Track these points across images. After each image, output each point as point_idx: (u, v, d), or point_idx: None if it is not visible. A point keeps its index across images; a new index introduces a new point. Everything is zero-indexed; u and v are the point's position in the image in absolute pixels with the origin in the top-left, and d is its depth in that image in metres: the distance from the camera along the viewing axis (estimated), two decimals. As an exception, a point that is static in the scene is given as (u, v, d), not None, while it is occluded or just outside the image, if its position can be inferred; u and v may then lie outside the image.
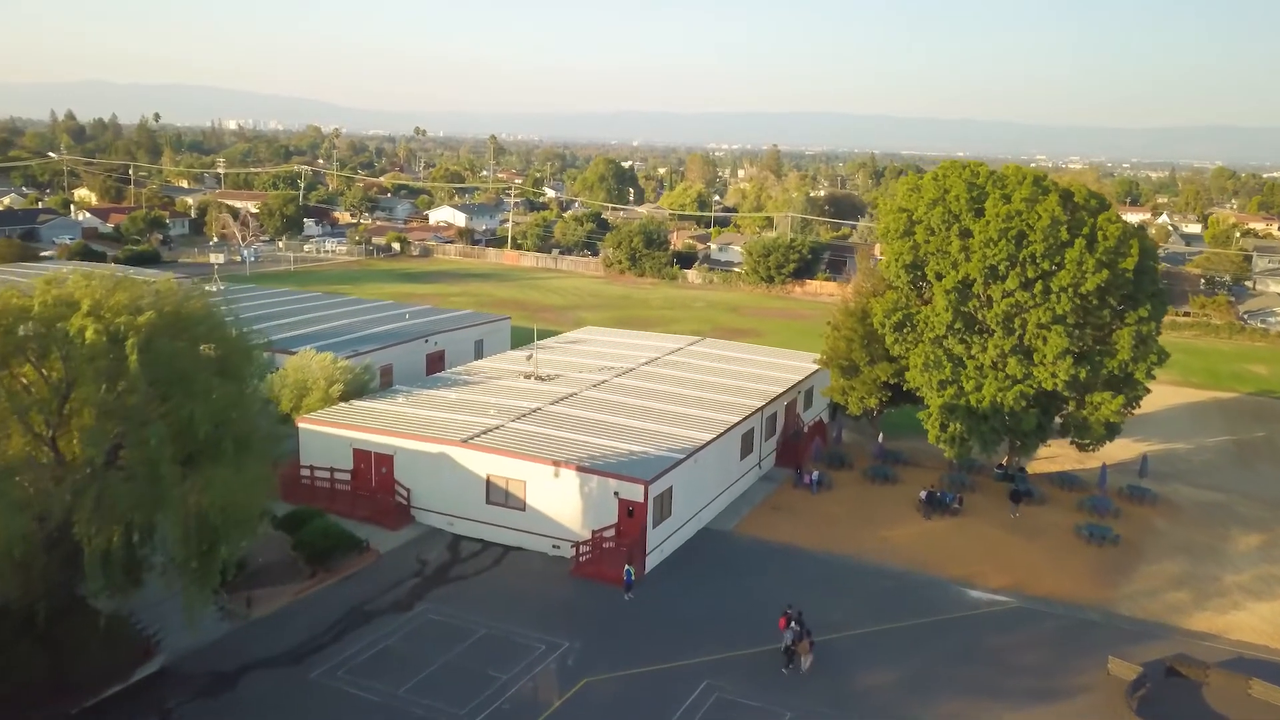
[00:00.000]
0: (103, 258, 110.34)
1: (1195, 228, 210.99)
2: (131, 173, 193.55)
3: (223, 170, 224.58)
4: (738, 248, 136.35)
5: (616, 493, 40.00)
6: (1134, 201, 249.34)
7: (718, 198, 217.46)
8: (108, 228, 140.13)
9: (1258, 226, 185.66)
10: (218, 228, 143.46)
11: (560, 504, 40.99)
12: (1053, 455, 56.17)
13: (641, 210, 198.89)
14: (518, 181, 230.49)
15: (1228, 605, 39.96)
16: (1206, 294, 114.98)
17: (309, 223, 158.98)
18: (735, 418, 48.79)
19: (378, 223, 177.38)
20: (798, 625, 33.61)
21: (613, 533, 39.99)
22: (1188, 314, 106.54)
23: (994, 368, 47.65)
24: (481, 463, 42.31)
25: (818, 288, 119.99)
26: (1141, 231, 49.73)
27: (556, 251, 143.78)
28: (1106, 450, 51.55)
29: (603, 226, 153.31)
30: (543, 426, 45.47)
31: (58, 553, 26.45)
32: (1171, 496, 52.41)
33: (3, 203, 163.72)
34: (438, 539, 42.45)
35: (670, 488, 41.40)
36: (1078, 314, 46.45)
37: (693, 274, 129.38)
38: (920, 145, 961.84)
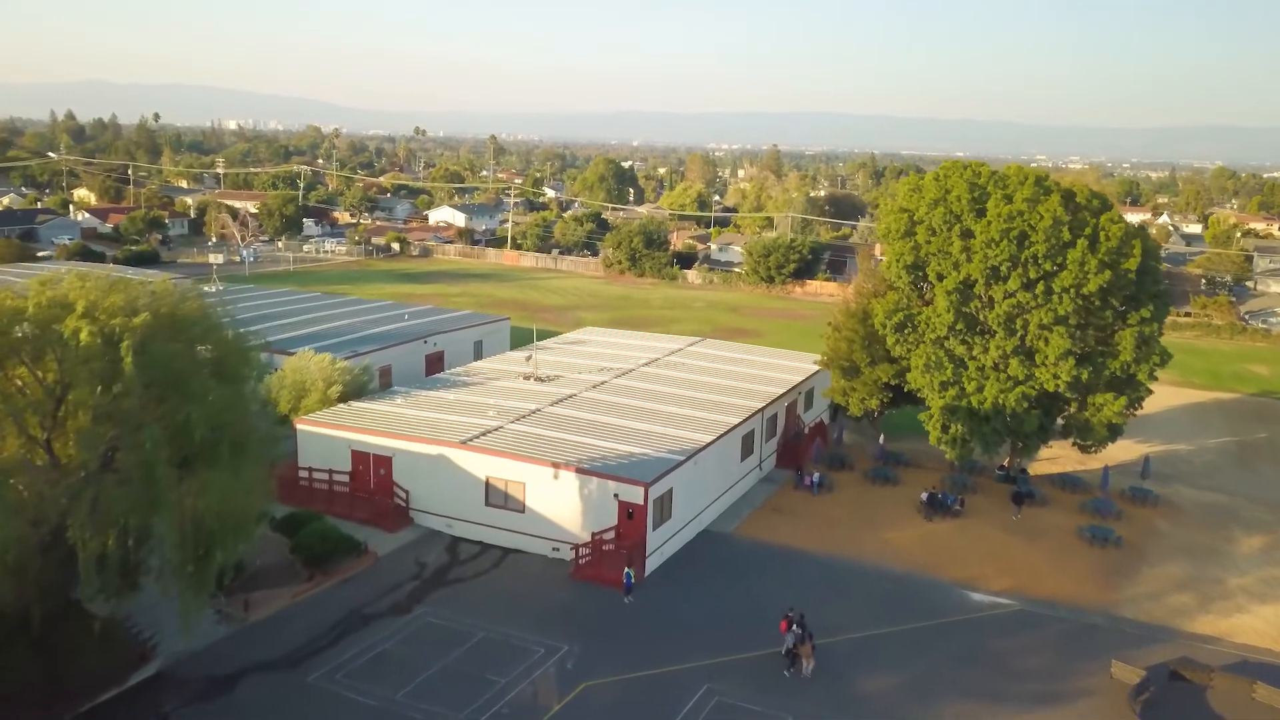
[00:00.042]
0: (101, 258, 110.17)
1: (1196, 228, 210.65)
2: (131, 173, 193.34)
3: (222, 170, 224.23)
4: (738, 248, 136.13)
5: (616, 495, 39.80)
6: (1134, 202, 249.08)
7: (718, 198, 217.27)
8: (107, 228, 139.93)
9: (1258, 226, 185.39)
10: (217, 228, 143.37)
11: (560, 506, 40.78)
12: (1054, 456, 55.99)
13: (641, 210, 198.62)
14: (517, 181, 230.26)
15: (1231, 608, 39.75)
16: (1207, 294, 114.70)
17: (308, 223, 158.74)
18: (735, 419, 48.58)
19: (377, 223, 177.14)
20: (799, 628, 33.44)
21: (612, 535, 39.78)
22: (1189, 314, 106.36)
23: (996, 369, 47.45)
24: (481, 464, 42.10)
25: (818, 288, 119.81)
26: (1143, 232, 49.53)
27: (556, 252, 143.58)
28: (1108, 451, 51.32)
29: (603, 227, 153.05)
30: (542, 428, 45.26)
31: (53, 556, 26.21)
32: (1173, 498, 52.20)
33: (2, 203, 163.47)
34: (436, 541, 42.25)
35: (670, 490, 41.19)
36: (1080, 315, 46.27)
37: (693, 274, 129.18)
38: (920, 145, 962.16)
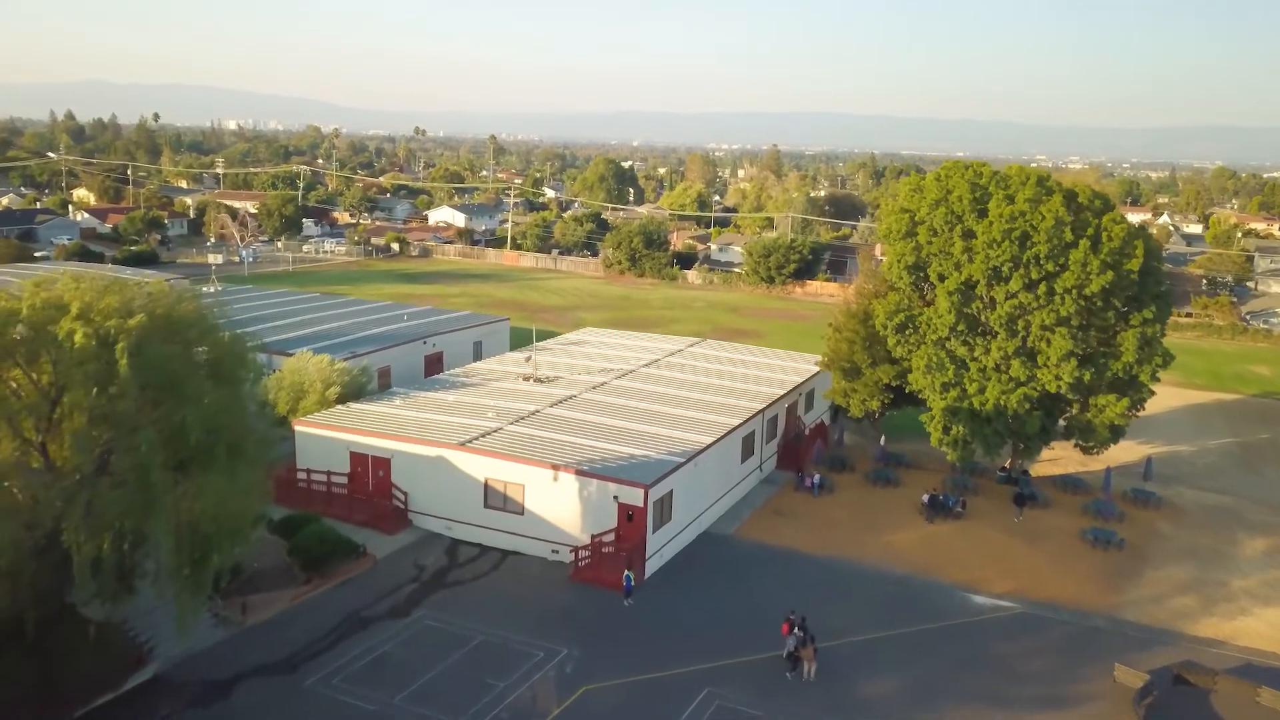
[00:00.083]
0: (100, 258, 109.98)
1: (1196, 228, 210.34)
2: (130, 173, 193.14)
3: (222, 170, 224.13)
4: (738, 248, 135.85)
5: (616, 496, 39.56)
6: (1134, 202, 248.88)
7: (718, 198, 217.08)
8: (106, 228, 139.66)
9: (1258, 226, 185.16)
10: (216, 228, 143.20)
11: (559, 508, 40.55)
12: (1055, 458, 55.76)
13: (641, 210, 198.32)
14: (517, 182, 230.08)
15: (1235, 611, 39.52)
16: (1208, 294, 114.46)
17: (308, 223, 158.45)
18: (736, 420, 48.34)
19: (377, 223, 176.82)
20: (801, 631, 33.21)
21: (612, 537, 39.54)
22: (1190, 315, 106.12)
23: (997, 370, 47.23)
24: (480, 466, 41.87)
25: (818, 288, 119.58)
26: (1146, 233, 49.31)
27: (556, 252, 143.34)
28: (1110, 452, 51.06)
29: (602, 227, 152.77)
30: (542, 429, 45.02)
31: (47, 560, 25.95)
32: (1175, 500, 51.96)
33: (1, 203, 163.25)
34: (435, 543, 42.01)
35: (670, 491, 40.96)
36: (1082, 316, 46.06)
37: (693, 274, 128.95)
38: (920, 145, 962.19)
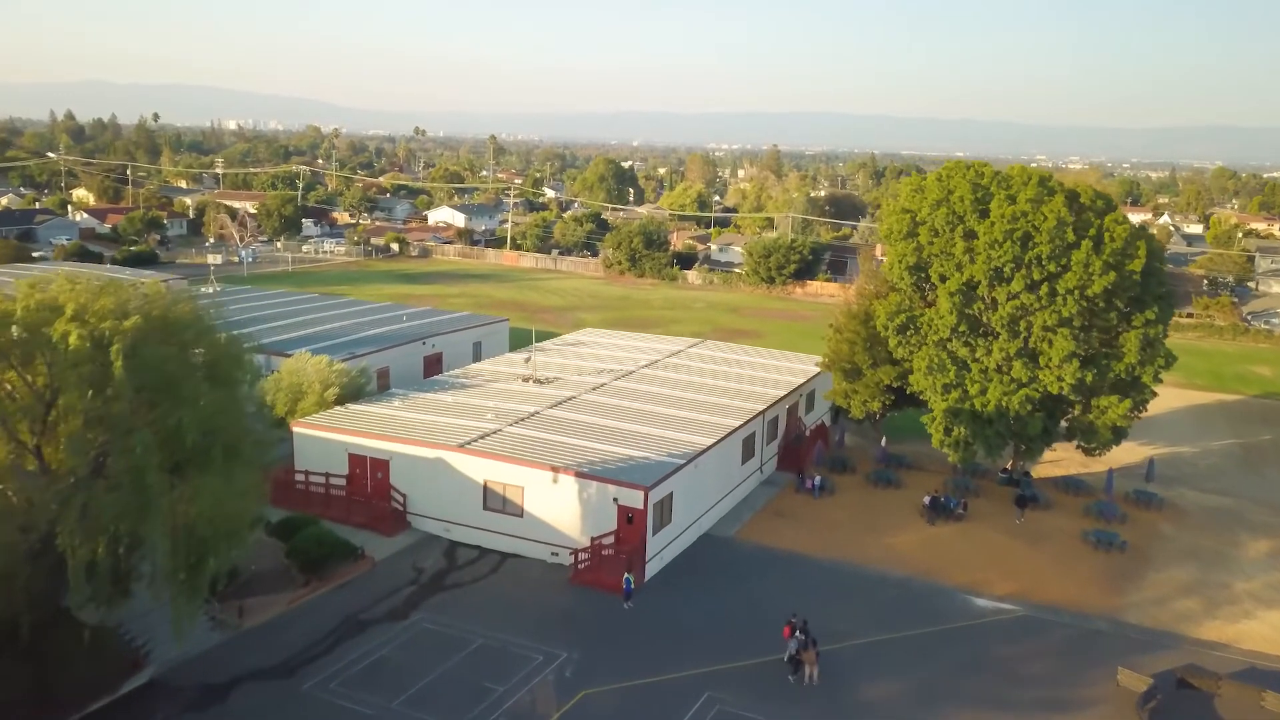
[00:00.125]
0: (100, 258, 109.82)
1: (1196, 228, 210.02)
2: (130, 173, 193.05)
3: (221, 170, 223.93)
4: (738, 248, 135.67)
5: (616, 499, 39.34)
6: (1135, 202, 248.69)
7: (718, 198, 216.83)
8: (105, 228, 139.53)
9: (1259, 227, 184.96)
10: (216, 228, 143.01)
11: (559, 510, 40.33)
12: (1057, 459, 55.55)
13: (641, 210, 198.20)
14: (517, 182, 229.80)
15: (1238, 614, 39.30)
16: (1210, 295, 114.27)
17: (307, 223, 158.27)
18: (736, 422, 48.12)
19: (376, 223, 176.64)
20: (803, 634, 32.99)
21: (612, 540, 39.31)
22: (1191, 315, 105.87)
23: (999, 371, 47.01)
24: (479, 468, 41.65)
25: (819, 289, 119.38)
26: (1148, 233, 49.10)
27: (556, 252, 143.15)
28: (1111, 454, 50.83)
29: (602, 227, 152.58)
30: (541, 431, 44.80)
31: (42, 564, 25.74)
32: (1178, 501, 51.74)
33: (0, 203, 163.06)
34: (434, 546, 41.78)
35: (670, 494, 40.74)
36: (1084, 316, 45.84)
37: (693, 275, 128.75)
38: (920, 145, 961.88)
